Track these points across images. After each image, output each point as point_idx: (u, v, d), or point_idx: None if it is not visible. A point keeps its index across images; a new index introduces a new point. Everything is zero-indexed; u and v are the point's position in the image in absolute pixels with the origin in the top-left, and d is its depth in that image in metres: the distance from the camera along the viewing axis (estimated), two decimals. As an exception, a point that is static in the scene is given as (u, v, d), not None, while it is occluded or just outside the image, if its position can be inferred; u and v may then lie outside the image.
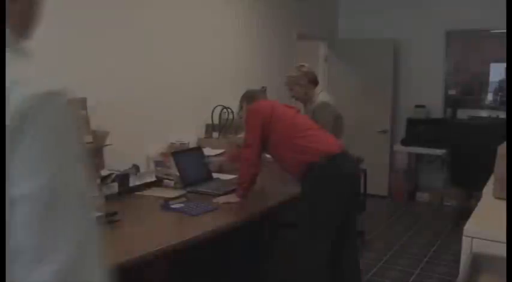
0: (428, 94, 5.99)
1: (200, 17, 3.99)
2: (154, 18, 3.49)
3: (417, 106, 5.93)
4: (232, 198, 2.72)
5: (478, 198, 2.28)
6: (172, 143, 3.40)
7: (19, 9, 0.84)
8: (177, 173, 2.98)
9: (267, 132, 2.72)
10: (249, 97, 3.04)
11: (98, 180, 2.65)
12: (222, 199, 2.72)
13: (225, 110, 3.89)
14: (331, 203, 2.62)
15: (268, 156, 2.93)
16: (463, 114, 5.87)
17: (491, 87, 6.69)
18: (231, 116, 3.87)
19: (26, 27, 0.88)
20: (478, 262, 1.68)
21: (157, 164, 3.15)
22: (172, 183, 2.99)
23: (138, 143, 3.19)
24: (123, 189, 2.75)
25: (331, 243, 2.66)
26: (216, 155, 3.38)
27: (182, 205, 2.56)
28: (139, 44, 3.29)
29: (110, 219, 2.27)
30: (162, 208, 2.52)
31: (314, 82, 3.59)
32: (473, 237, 1.75)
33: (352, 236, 2.94)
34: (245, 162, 2.73)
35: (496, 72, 6.68)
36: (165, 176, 3.04)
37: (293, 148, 2.68)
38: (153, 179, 3.02)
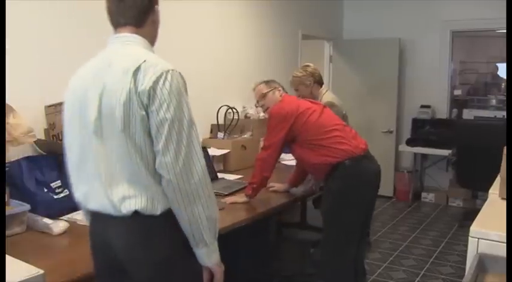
0: (433, 94, 5.96)
1: (204, 16, 4.00)
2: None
3: (422, 106, 5.91)
4: (240, 198, 2.72)
5: (484, 199, 2.27)
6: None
7: (148, 31, 1.56)
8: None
9: (291, 135, 2.67)
10: (277, 87, 2.93)
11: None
12: (229, 199, 2.72)
13: (230, 110, 3.89)
14: (357, 204, 2.63)
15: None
16: (468, 114, 5.84)
17: (497, 87, 6.68)
18: (236, 116, 3.87)
19: (153, 40, 1.61)
20: (484, 263, 1.68)
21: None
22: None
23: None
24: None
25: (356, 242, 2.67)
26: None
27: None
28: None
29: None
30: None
31: (319, 82, 3.59)
32: (479, 238, 1.75)
33: (365, 236, 2.94)
34: (260, 163, 2.69)
35: (502, 72, 6.67)
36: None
37: (318, 149, 2.64)
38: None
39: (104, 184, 1.44)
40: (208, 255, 1.47)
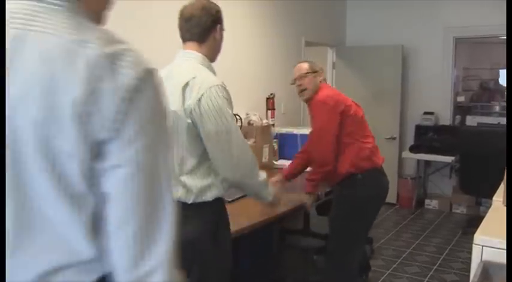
0: (436, 101, 5.96)
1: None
2: (162, 22, 3.51)
3: (426, 113, 5.91)
4: (307, 200, 2.71)
5: (488, 206, 2.26)
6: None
7: (209, 45, 1.86)
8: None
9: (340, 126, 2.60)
10: (320, 72, 2.85)
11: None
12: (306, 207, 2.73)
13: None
14: (370, 212, 2.65)
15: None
16: (472, 121, 5.83)
17: (501, 94, 6.66)
18: (239, 123, 3.87)
19: (214, 54, 1.90)
20: (489, 270, 1.67)
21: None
22: (180, 189, 2.99)
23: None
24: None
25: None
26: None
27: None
28: (147, 47, 3.31)
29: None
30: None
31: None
32: (483, 246, 1.74)
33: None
34: (317, 159, 2.61)
35: (503, 78, 6.66)
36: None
37: (353, 148, 2.63)
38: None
39: None
40: (265, 198, 2.07)
